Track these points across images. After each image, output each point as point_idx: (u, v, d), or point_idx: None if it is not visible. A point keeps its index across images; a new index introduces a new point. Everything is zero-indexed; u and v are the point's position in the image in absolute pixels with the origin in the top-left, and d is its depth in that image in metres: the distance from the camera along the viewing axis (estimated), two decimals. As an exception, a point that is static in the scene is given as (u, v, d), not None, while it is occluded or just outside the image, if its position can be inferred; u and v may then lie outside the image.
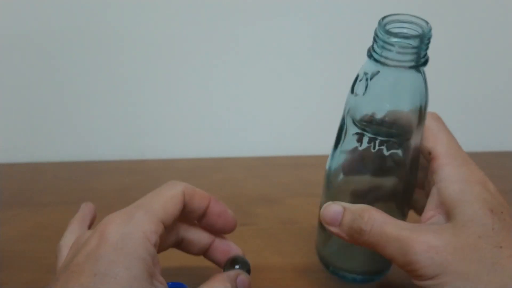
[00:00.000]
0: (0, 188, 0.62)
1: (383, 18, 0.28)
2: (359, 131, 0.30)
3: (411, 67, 0.27)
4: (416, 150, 0.31)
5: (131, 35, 0.70)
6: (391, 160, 0.31)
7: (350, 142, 0.31)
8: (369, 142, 0.30)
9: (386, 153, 0.30)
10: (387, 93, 0.29)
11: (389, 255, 0.28)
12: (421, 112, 0.29)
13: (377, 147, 0.30)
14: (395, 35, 0.27)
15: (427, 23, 0.27)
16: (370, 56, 0.28)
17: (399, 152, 0.30)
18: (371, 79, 0.28)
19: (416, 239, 0.26)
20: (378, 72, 0.28)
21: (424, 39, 0.26)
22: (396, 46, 0.26)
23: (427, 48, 0.27)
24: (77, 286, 0.24)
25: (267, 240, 0.44)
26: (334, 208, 0.30)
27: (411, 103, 0.29)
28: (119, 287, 0.24)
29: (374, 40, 0.28)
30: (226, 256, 0.34)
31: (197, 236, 0.34)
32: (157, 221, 0.27)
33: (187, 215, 0.31)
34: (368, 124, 0.30)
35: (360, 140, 0.31)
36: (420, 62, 0.27)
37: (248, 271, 0.34)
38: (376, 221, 0.28)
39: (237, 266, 0.33)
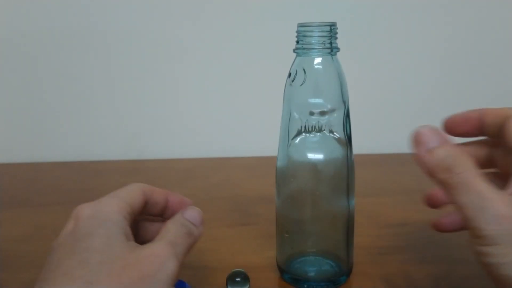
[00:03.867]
0: (0, 188, 0.62)
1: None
2: (302, 118, 0.35)
3: (323, 54, 0.34)
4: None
5: (131, 37, 0.70)
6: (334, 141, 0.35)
7: (295, 129, 0.35)
8: (313, 128, 0.35)
9: (329, 133, 0.34)
10: (313, 78, 0.34)
11: (461, 203, 0.28)
12: (343, 91, 0.35)
13: (321, 130, 0.34)
14: (303, 25, 0.33)
15: (332, 22, 0.34)
16: (294, 51, 0.34)
17: (341, 128, 0.35)
18: (295, 70, 0.34)
19: (495, 203, 0.27)
20: (303, 62, 0.34)
21: (324, 29, 0.33)
22: (308, 37, 0.33)
23: (332, 38, 0.33)
24: (61, 252, 0.27)
25: (267, 240, 0.44)
26: (433, 131, 0.29)
27: (334, 83, 0.35)
28: (100, 240, 0.27)
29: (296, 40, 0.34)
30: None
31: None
32: (124, 203, 0.30)
33: (150, 209, 0.34)
34: (310, 110, 0.34)
35: (305, 126, 0.35)
36: (329, 50, 0.34)
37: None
38: (470, 169, 0.28)
39: (238, 279, 0.37)
